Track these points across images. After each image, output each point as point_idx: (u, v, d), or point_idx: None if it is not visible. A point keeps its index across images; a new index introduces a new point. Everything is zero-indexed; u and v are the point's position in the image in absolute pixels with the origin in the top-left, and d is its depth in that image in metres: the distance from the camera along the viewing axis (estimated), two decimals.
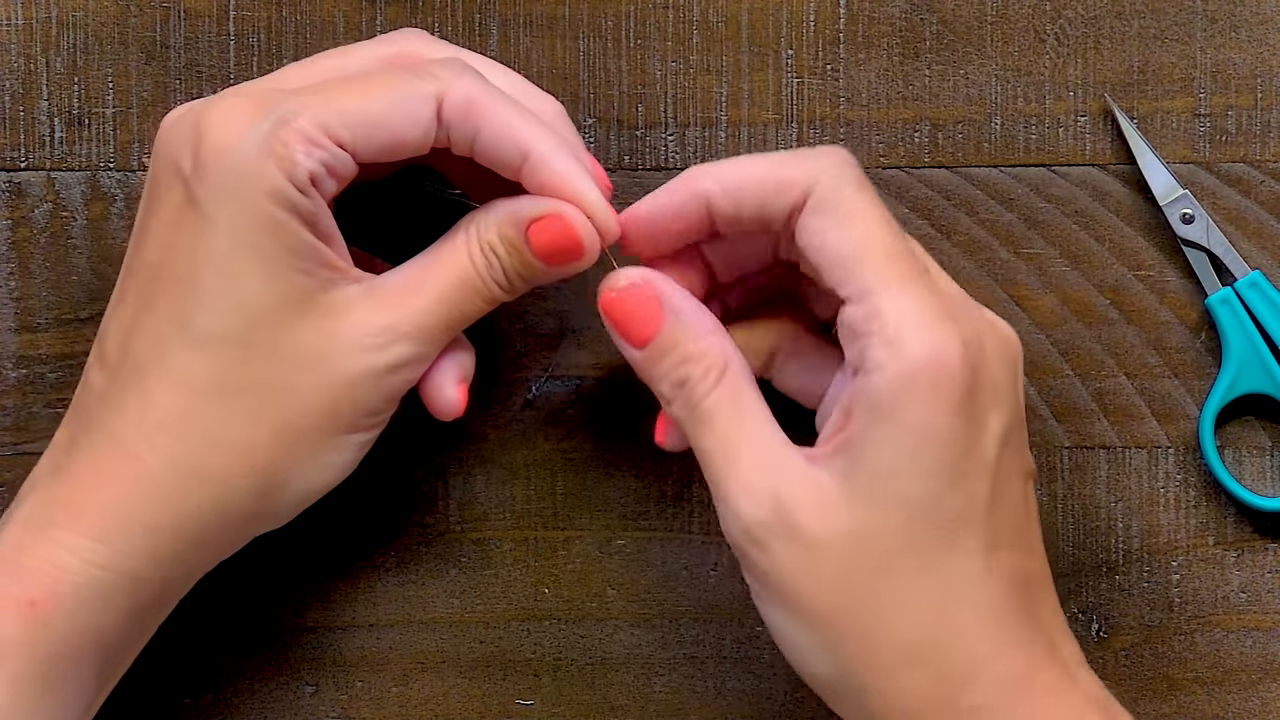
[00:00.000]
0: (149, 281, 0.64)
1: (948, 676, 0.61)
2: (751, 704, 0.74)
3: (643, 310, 0.65)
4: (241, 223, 0.62)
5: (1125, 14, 0.74)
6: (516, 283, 0.66)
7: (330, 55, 0.67)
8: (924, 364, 0.61)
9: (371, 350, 0.64)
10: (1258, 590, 0.74)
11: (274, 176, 0.62)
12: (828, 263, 0.63)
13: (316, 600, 0.74)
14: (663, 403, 0.65)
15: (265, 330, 0.63)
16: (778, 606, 0.63)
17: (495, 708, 0.74)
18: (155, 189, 0.64)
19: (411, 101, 0.64)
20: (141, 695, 0.73)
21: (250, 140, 0.62)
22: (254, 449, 0.63)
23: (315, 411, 0.64)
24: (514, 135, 0.64)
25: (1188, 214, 0.73)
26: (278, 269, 0.62)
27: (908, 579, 0.61)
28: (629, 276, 0.66)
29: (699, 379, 0.64)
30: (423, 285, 0.65)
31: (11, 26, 0.74)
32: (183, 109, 0.65)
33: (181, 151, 0.63)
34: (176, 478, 0.63)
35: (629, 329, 0.65)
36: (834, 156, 0.64)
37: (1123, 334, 0.74)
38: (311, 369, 0.63)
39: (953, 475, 0.61)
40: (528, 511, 0.74)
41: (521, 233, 0.65)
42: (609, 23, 0.74)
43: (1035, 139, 0.74)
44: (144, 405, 0.63)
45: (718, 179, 0.64)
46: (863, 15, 0.74)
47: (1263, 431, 0.74)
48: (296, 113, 0.63)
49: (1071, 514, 0.74)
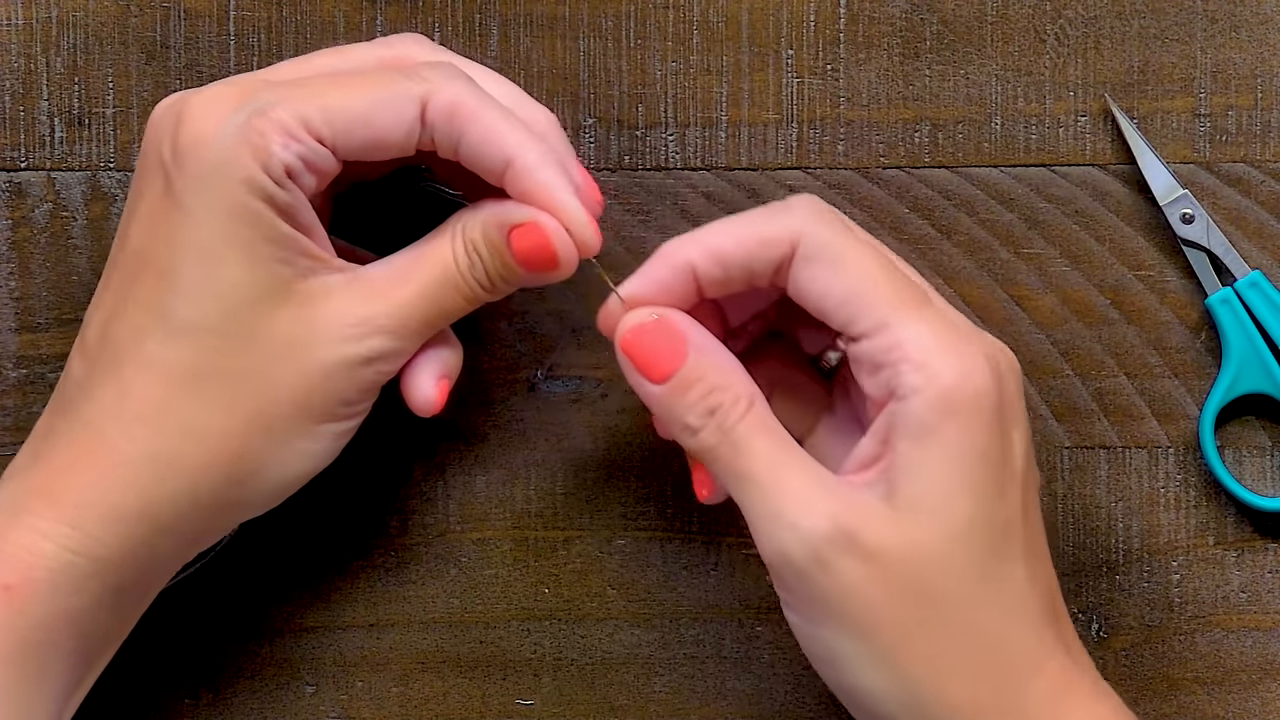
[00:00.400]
0: (130, 270, 0.64)
1: (1006, 682, 0.62)
2: (751, 704, 0.74)
3: (666, 345, 0.65)
4: (217, 212, 0.62)
5: (1125, 14, 0.74)
6: (498, 284, 0.66)
7: (326, 54, 0.67)
8: (958, 385, 0.62)
9: (348, 340, 0.64)
10: (1258, 590, 0.74)
11: (248, 166, 0.62)
12: (833, 306, 0.64)
13: (316, 600, 0.74)
14: (686, 437, 0.65)
15: (242, 318, 0.63)
16: (834, 624, 0.63)
17: (495, 708, 0.74)
18: (140, 178, 0.65)
19: (396, 101, 0.64)
20: (142, 695, 0.73)
21: (226, 130, 0.62)
22: (229, 437, 0.64)
23: (290, 400, 0.64)
24: (498, 141, 0.64)
25: (1188, 214, 0.73)
26: (255, 258, 0.63)
27: (969, 589, 0.62)
28: (643, 315, 0.65)
29: (730, 406, 0.64)
30: (405, 279, 0.65)
31: (11, 26, 0.74)
32: (173, 97, 0.65)
33: (163, 140, 0.63)
34: (151, 467, 0.63)
35: (650, 365, 0.65)
36: (810, 205, 0.65)
37: (1123, 334, 0.74)
38: (287, 357, 0.63)
39: (997, 488, 0.63)
40: (528, 511, 0.74)
41: (504, 236, 0.65)
42: (609, 23, 0.74)
43: (1035, 139, 0.74)
44: (120, 394, 0.63)
45: (700, 247, 0.65)
46: (863, 15, 0.74)
47: (1263, 431, 0.74)
48: (274, 104, 0.63)
49: (1071, 514, 0.74)
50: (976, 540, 0.62)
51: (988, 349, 0.64)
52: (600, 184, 0.69)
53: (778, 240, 0.64)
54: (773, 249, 0.64)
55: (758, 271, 0.65)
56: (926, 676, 0.62)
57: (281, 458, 0.65)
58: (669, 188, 0.74)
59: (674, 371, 0.64)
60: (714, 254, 0.65)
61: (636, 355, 0.65)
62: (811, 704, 0.74)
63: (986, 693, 0.62)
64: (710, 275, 0.65)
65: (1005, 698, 0.62)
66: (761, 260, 0.65)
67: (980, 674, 0.62)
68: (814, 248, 0.64)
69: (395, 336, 0.65)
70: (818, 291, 0.64)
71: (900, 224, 0.74)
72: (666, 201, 0.74)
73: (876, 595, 0.62)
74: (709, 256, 0.65)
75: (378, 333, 0.64)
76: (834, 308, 0.64)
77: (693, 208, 0.74)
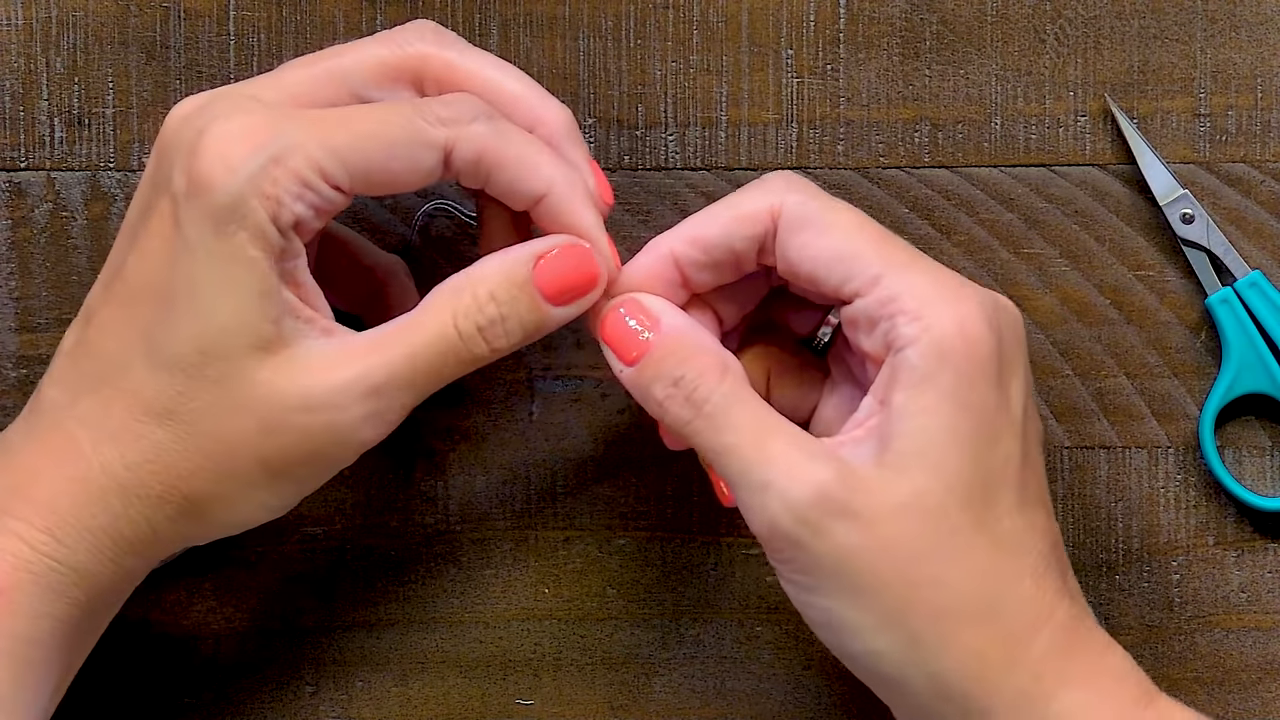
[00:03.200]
0: (134, 287, 0.64)
1: (1012, 630, 0.62)
2: (751, 704, 0.74)
3: (637, 326, 0.65)
4: (220, 257, 0.62)
5: (1125, 14, 0.74)
6: (514, 334, 0.64)
7: (331, 55, 0.66)
8: (954, 333, 0.62)
9: (325, 410, 0.63)
10: (1258, 590, 0.74)
11: (257, 216, 0.61)
12: (825, 269, 0.64)
13: (316, 600, 0.74)
14: (659, 411, 0.65)
15: (222, 369, 0.62)
16: (833, 590, 0.63)
17: (495, 708, 0.74)
18: (151, 191, 0.64)
19: (416, 150, 0.63)
20: (142, 695, 0.73)
21: (242, 174, 0.61)
22: (187, 477, 0.63)
23: (254, 457, 0.63)
24: (528, 180, 0.64)
25: (1188, 214, 0.73)
26: (246, 312, 0.62)
27: (964, 540, 0.62)
28: (617, 301, 0.66)
29: (698, 376, 0.64)
30: (394, 345, 0.64)
31: (11, 26, 0.74)
32: (192, 107, 0.64)
33: (177, 164, 0.63)
34: (115, 488, 0.63)
35: (623, 347, 0.65)
36: (785, 179, 0.65)
37: (1123, 334, 0.74)
38: (257, 417, 0.63)
39: (990, 437, 0.63)
40: (528, 511, 0.74)
41: (529, 272, 0.64)
42: (609, 23, 0.74)
43: (1035, 139, 0.74)
44: (98, 413, 0.63)
45: (679, 235, 0.66)
46: (863, 15, 0.74)
47: (1263, 431, 0.74)
48: (292, 150, 0.62)
49: (1071, 514, 0.74)
50: (969, 490, 0.62)
51: (984, 299, 0.63)
52: None
53: (756, 215, 0.65)
54: (752, 224, 0.65)
55: (740, 251, 0.65)
56: (930, 635, 0.62)
57: (237, 505, 0.64)
58: (669, 188, 0.74)
59: (646, 351, 0.65)
60: (693, 239, 0.65)
61: (611, 340, 0.65)
62: (811, 704, 0.74)
63: (992, 645, 0.62)
64: (693, 260, 0.65)
65: (1012, 650, 0.62)
66: (742, 237, 0.65)
67: (984, 627, 0.62)
68: (796, 216, 0.64)
69: (375, 402, 0.63)
70: (809, 257, 0.64)
71: (900, 224, 0.74)
72: (666, 201, 0.74)
73: (871, 557, 0.62)
74: (689, 242, 0.65)
75: (357, 399, 0.63)
76: (826, 271, 0.64)
77: (693, 208, 0.73)
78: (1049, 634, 0.63)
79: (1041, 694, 0.62)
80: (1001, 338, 0.63)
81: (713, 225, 0.65)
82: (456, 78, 0.66)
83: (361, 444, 0.64)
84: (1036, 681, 0.62)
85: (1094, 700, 0.63)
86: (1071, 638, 0.63)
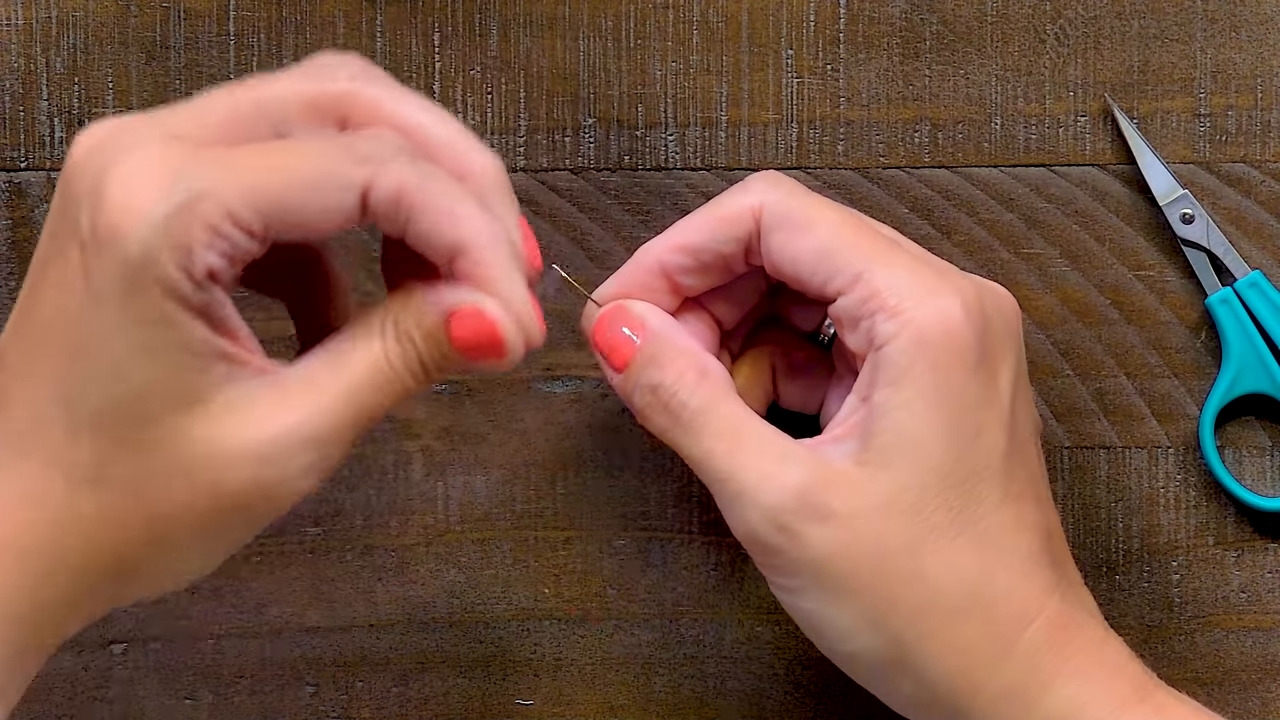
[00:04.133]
0: (36, 343, 0.60)
1: (998, 625, 0.62)
2: (751, 704, 0.74)
3: (623, 332, 0.66)
4: (130, 314, 0.57)
5: (1125, 14, 0.74)
6: (433, 373, 0.61)
7: (253, 87, 0.61)
8: (931, 326, 0.62)
9: (263, 463, 0.59)
10: (1258, 590, 0.74)
11: (167, 269, 0.57)
12: (807, 268, 0.64)
13: (316, 600, 0.74)
14: (642, 419, 0.65)
15: (148, 429, 0.58)
16: (815, 593, 0.63)
17: (495, 708, 0.74)
18: (60, 227, 0.59)
19: (331, 191, 0.58)
20: (141, 695, 0.73)
21: (149, 223, 0.57)
22: (118, 544, 0.59)
23: (191, 519, 0.59)
24: (448, 229, 0.59)
25: (1188, 214, 0.73)
26: (167, 365, 0.58)
27: (944, 536, 0.62)
28: (607, 309, 0.66)
29: (674, 382, 0.64)
30: (330, 381, 0.60)
31: (11, 26, 0.74)
32: (98, 138, 0.59)
33: (81, 206, 0.58)
34: (39, 559, 0.59)
35: (612, 353, 0.66)
36: (768, 179, 0.66)
37: (1123, 334, 0.74)
38: (195, 475, 0.59)
39: (973, 430, 0.62)
40: (528, 511, 0.74)
41: (441, 321, 0.60)
42: (609, 23, 0.74)
43: (1035, 139, 0.74)
44: (18, 484, 0.59)
45: (664, 242, 0.66)
46: (863, 15, 0.74)
47: (1263, 431, 0.74)
48: (202, 196, 0.57)
49: (1071, 514, 0.74)
50: (948, 485, 0.62)
51: (966, 289, 0.63)
52: (598, 188, 0.69)
53: (738, 216, 0.65)
54: (735, 226, 0.65)
55: (727, 253, 0.66)
56: (911, 633, 0.62)
57: (172, 566, 0.61)
58: (669, 188, 0.74)
59: (631, 357, 0.65)
60: (679, 245, 0.66)
61: (601, 348, 0.66)
62: (811, 704, 0.74)
63: (977, 641, 0.62)
64: (680, 265, 0.66)
65: (997, 645, 0.62)
66: (726, 239, 0.65)
67: (967, 623, 0.62)
68: (777, 215, 0.64)
69: (317, 450, 0.60)
70: (790, 257, 0.64)
71: (900, 224, 0.74)
72: (666, 201, 0.74)
73: (850, 558, 0.62)
74: (674, 249, 0.66)
75: (299, 448, 0.59)
76: (808, 271, 0.64)
77: (693, 208, 0.73)
78: (1039, 628, 0.63)
79: (1033, 688, 0.62)
80: (988, 326, 0.63)
81: (697, 230, 0.66)
82: (383, 117, 0.61)
83: (300, 494, 0.60)
84: (1026, 676, 0.62)
85: (1087, 694, 0.63)
86: (1064, 632, 0.63)
